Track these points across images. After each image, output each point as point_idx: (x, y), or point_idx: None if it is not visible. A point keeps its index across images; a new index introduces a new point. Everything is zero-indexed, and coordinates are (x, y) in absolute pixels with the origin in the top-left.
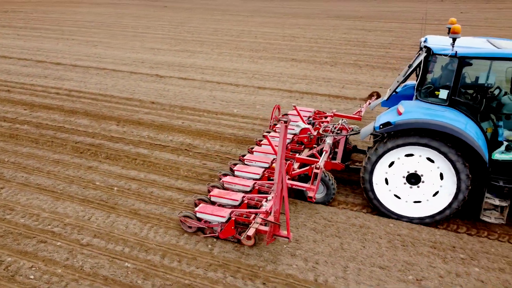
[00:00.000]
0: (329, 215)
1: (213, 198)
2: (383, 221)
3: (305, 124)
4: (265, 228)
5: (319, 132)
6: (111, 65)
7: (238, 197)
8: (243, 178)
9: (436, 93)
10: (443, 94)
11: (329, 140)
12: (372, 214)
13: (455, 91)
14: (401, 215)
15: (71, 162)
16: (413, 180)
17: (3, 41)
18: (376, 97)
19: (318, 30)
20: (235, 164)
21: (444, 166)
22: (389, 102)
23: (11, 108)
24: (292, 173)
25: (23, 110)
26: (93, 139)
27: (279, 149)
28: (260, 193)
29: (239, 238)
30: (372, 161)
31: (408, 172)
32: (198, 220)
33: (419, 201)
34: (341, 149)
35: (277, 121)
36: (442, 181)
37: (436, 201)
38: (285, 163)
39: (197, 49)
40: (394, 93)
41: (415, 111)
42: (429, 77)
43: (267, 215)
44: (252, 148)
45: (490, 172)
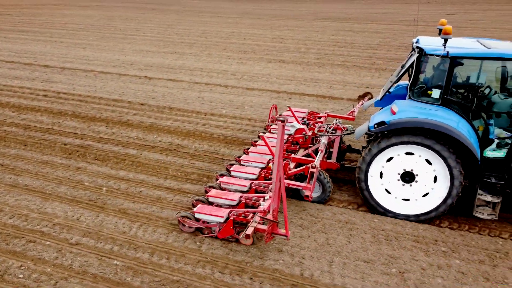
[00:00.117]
0: (315, 211)
1: (210, 199)
2: (368, 216)
3: (300, 125)
4: (263, 227)
5: (313, 132)
6: (100, 67)
7: (235, 197)
8: (240, 178)
9: (428, 92)
10: (435, 93)
11: (324, 140)
12: (357, 210)
13: (447, 90)
14: (398, 213)
15: (59, 164)
16: (407, 178)
17: None
18: (369, 98)
19: (306, 32)
20: (231, 165)
21: (437, 163)
22: (383, 102)
23: None
24: (288, 172)
25: (10, 112)
26: (81, 140)
27: (276, 148)
28: (257, 193)
29: (238, 238)
30: (367, 160)
31: (403, 170)
32: (196, 220)
33: (415, 198)
34: (336, 148)
35: (272, 121)
36: (436, 178)
37: (430, 198)
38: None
39: (186, 51)
40: (387, 93)
41: (408, 110)
42: (421, 77)
43: (265, 214)
44: (248, 149)
45: (482, 169)
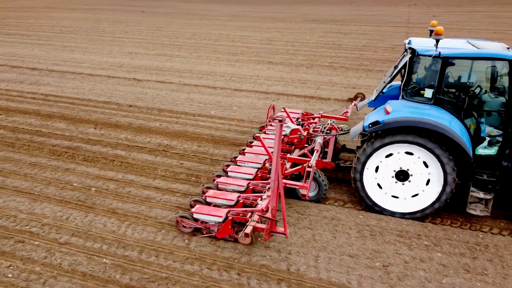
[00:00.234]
0: (302, 208)
1: (208, 199)
2: (353, 213)
3: (295, 125)
4: (262, 226)
5: (308, 132)
6: (88, 69)
7: (233, 197)
8: (237, 179)
9: (421, 92)
10: (428, 93)
11: (319, 140)
12: (343, 207)
13: (440, 90)
14: (394, 211)
15: (48, 165)
16: (402, 177)
17: None
18: (361, 99)
19: (295, 34)
20: (227, 166)
21: (431, 162)
22: (376, 103)
23: None
24: (284, 172)
25: None
26: (70, 142)
27: (275, 148)
28: (254, 192)
29: (236, 237)
30: (362, 160)
31: (398, 169)
32: (195, 220)
33: (411, 196)
34: (331, 148)
35: (269, 120)
36: (430, 176)
37: (425, 195)
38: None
39: (175, 53)
40: (381, 93)
41: (402, 110)
42: (414, 77)
43: (263, 213)
44: (243, 150)
45: (474, 167)
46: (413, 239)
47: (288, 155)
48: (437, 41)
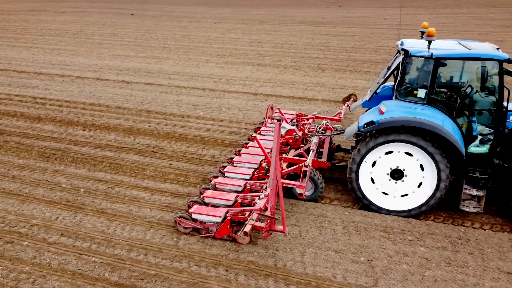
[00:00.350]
0: (289, 206)
1: (206, 199)
2: (339, 210)
3: (290, 126)
4: (261, 224)
5: (304, 133)
6: (77, 72)
7: (231, 197)
8: (234, 179)
9: (414, 92)
10: (421, 93)
11: (315, 140)
12: (330, 204)
13: (432, 90)
14: (390, 210)
15: (36, 167)
16: (397, 175)
17: None
18: (354, 100)
19: (283, 36)
20: (224, 167)
21: (424, 159)
22: (369, 103)
23: None
24: (281, 172)
25: None
26: (59, 144)
27: (273, 147)
28: (251, 192)
29: (235, 237)
30: (357, 161)
31: (393, 168)
32: (193, 221)
33: (405, 194)
34: (326, 148)
35: (268, 119)
36: (424, 173)
37: (420, 192)
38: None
39: (164, 55)
40: (375, 94)
41: (396, 110)
42: (406, 78)
43: (262, 211)
44: (239, 151)
45: (467, 164)
46: (397, 234)
47: (284, 155)
48: (430, 42)
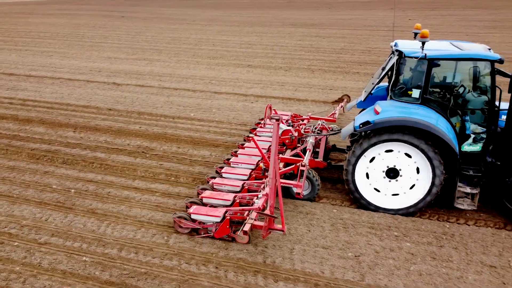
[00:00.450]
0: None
1: (205, 200)
2: (328, 207)
3: (286, 126)
4: (260, 223)
5: (300, 133)
6: (67, 74)
7: (229, 197)
8: (232, 179)
9: (409, 92)
10: (415, 93)
11: (311, 140)
12: (318, 202)
13: (426, 90)
14: (386, 209)
15: (27, 168)
16: (392, 174)
17: None
18: (347, 100)
19: (274, 37)
20: (221, 168)
21: (419, 158)
22: (364, 103)
23: None
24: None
25: None
26: (49, 145)
27: (272, 146)
28: (249, 192)
29: (234, 237)
30: (352, 162)
31: (388, 167)
32: (192, 221)
33: (396, 193)
34: (322, 148)
35: (266, 120)
36: (418, 176)
37: (411, 194)
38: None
39: (154, 57)
40: (369, 94)
41: (391, 110)
42: (401, 78)
43: (261, 211)
44: (236, 152)
45: (461, 163)
46: (384, 230)
47: (280, 155)
48: (423, 43)
